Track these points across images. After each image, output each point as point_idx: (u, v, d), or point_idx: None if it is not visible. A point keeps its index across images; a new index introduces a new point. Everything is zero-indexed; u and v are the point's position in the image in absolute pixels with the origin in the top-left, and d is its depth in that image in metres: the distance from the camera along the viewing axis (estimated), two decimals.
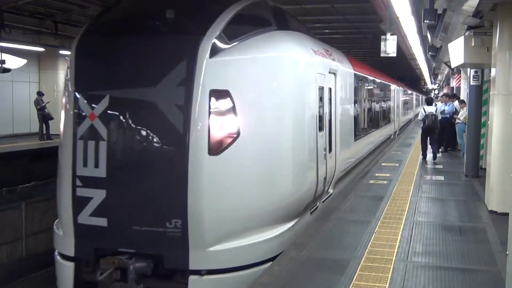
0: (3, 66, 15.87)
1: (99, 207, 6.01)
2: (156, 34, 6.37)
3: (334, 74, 9.26)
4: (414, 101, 40.94)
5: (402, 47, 19.73)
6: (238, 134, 6.01)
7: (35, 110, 17.65)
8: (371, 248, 6.20)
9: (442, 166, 13.34)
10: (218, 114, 5.95)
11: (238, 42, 6.27)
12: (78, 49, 6.57)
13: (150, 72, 6.10)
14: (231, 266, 6.00)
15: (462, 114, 14.13)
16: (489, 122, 8.94)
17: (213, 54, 5.95)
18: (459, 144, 15.19)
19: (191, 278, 5.86)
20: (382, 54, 14.51)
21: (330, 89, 8.88)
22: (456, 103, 15.80)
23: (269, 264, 6.05)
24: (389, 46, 14.29)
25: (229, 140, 5.98)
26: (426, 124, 13.80)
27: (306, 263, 5.73)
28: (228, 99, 5.98)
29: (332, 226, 7.29)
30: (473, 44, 9.52)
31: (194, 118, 5.82)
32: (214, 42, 6.02)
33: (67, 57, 6.63)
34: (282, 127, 6.64)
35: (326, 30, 20.10)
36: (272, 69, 6.63)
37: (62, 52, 18.62)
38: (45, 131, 17.39)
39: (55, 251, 6.62)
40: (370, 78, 15.51)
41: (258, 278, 5.49)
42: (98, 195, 6.01)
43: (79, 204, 6.11)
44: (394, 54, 14.58)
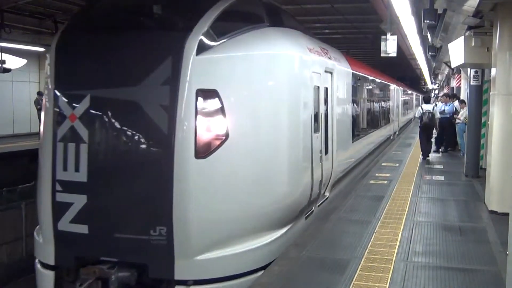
0: (4, 66, 15.90)
1: (80, 213, 5.69)
2: (140, 30, 6.08)
3: (331, 73, 8.97)
4: (414, 101, 40.91)
5: (402, 47, 19.73)
6: (226, 136, 5.69)
7: (35, 110, 17.67)
8: (371, 248, 6.20)
9: (442, 166, 13.34)
10: (205, 114, 5.64)
11: (227, 39, 5.94)
12: (58, 46, 6.22)
13: (134, 70, 5.78)
14: (220, 276, 5.69)
15: (462, 114, 14.13)
16: (489, 122, 8.94)
17: (200, 51, 5.62)
18: (459, 144, 15.19)
19: None
20: (382, 54, 14.51)
21: (326, 88, 8.59)
22: (456, 103, 15.80)
23: (260, 273, 5.79)
24: (389, 46, 14.30)
25: (217, 142, 5.67)
26: (423, 122, 14.19)
27: (306, 263, 5.73)
28: (216, 99, 5.67)
29: (332, 226, 7.29)
30: (473, 44, 9.52)
31: (180, 119, 5.50)
32: (201, 39, 5.68)
33: (48, 54, 6.40)
34: (274, 129, 6.33)
35: (326, 30, 20.11)
36: (263, 67, 6.30)
37: None
38: None
39: (36, 259, 6.28)
40: (368, 77, 15.24)
41: (258, 278, 5.49)
42: (79, 201, 5.69)
43: (59, 210, 5.79)
44: (394, 54, 14.58)
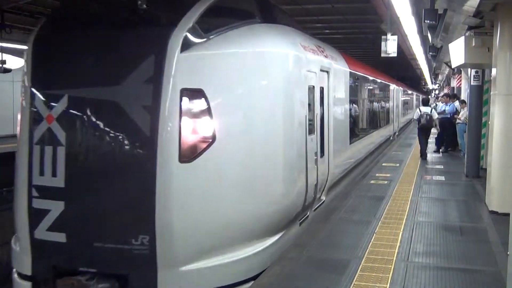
0: (4, 66, 15.88)
1: (57, 221, 5.35)
2: (120, 26, 5.72)
3: (327, 72, 8.66)
4: (415, 101, 40.88)
5: (403, 47, 19.72)
6: (213, 139, 5.37)
7: None
8: (372, 248, 6.20)
9: (442, 166, 13.34)
10: (190, 115, 5.31)
11: (214, 35, 5.61)
12: (36, 42, 5.87)
13: (114, 68, 5.44)
14: (206, 287, 5.40)
15: (463, 114, 14.15)
16: (489, 122, 8.94)
17: (185, 48, 5.28)
18: (460, 144, 15.20)
19: None
20: (383, 54, 14.50)
21: (322, 88, 8.29)
22: (456, 103, 15.81)
23: (250, 284, 5.54)
24: (389, 46, 14.29)
25: (203, 145, 5.35)
26: (421, 123, 14.65)
27: (306, 263, 5.73)
28: (202, 99, 5.34)
29: (332, 226, 7.28)
30: (473, 44, 9.53)
31: (163, 120, 5.16)
32: (186, 35, 5.34)
33: (25, 51, 6.07)
34: (265, 131, 5.98)
35: (327, 30, 20.11)
36: (254, 65, 5.94)
37: None
38: None
39: (13, 269, 5.91)
40: (367, 77, 14.93)
41: (259, 278, 5.48)
42: (56, 208, 5.35)
43: (36, 217, 5.46)
44: (395, 54, 14.58)
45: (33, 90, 5.67)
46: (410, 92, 36.61)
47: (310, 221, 7.61)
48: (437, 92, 48.05)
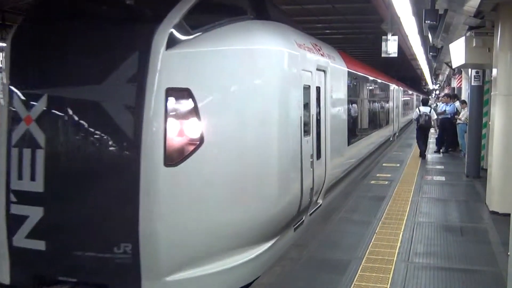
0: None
1: (36, 228, 5.03)
2: (103, 22, 5.39)
3: (324, 71, 8.36)
4: (415, 101, 40.87)
5: (403, 48, 19.74)
6: (201, 141, 5.06)
7: None
8: (372, 248, 6.20)
9: (443, 167, 13.33)
10: (176, 117, 5.02)
11: (203, 32, 5.29)
12: (15, 39, 5.55)
13: (96, 67, 5.13)
14: None
15: (463, 114, 14.15)
16: (490, 123, 8.94)
17: (171, 45, 4.99)
18: (460, 144, 15.22)
19: None
20: (383, 54, 14.54)
21: (318, 88, 7.99)
22: (457, 104, 15.82)
23: None
24: (390, 46, 14.32)
25: (190, 148, 5.04)
26: (419, 123, 14.86)
27: (307, 264, 5.73)
28: (189, 99, 5.04)
29: (333, 226, 7.29)
30: (474, 44, 9.53)
31: (147, 121, 4.86)
32: (172, 32, 5.05)
33: (4, 49, 5.71)
34: (256, 132, 5.68)
35: (327, 31, 20.13)
36: (245, 64, 5.62)
37: None
38: None
39: None
40: (366, 77, 14.64)
41: (259, 278, 5.48)
42: (35, 214, 5.04)
43: (14, 223, 5.14)
44: (395, 55, 14.61)
45: (11, 89, 5.33)
46: (410, 92, 36.56)
47: (306, 226, 7.33)
48: (437, 92, 48.05)
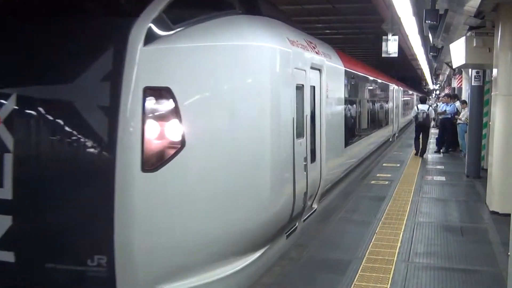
0: None
1: (4, 238, 4.63)
2: (75, 16, 4.97)
3: (319, 70, 8.01)
4: (415, 101, 40.87)
5: (404, 48, 19.73)
6: (182, 144, 4.67)
7: None
8: (373, 248, 6.20)
9: (443, 167, 13.34)
10: (155, 118, 4.63)
11: (185, 27, 4.93)
12: None
13: (68, 64, 4.74)
14: None
15: (464, 114, 14.17)
16: (490, 123, 8.94)
17: (149, 40, 4.62)
18: (461, 144, 15.23)
19: None
20: (384, 55, 14.55)
21: (313, 87, 7.63)
22: (457, 104, 15.83)
23: None
24: (390, 47, 14.33)
25: (170, 151, 4.66)
26: (418, 121, 15.06)
27: (307, 264, 5.73)
28: (169, 99, 4.67)
29: (333, 226, 7.29)
30: (474, 44, 9.53)
31: (123, 123, 4.47)
32: (151, 26, 4.68)
33: None
34: (243, 135, 5.30)
35: (327, 31, 20.13)
36: (231, 61, 5.26)
37: None
38: None
39: None
40: (364, 76, 14.25)
41: (259, 278, 5.48)
42: (3, 223, 4.64)
43: None
44: (396, 55, 14.62)
45: None
46: (410, 92, 36.53)
47: (299, 233, 6.97)
48: (438, 92, 48.05)
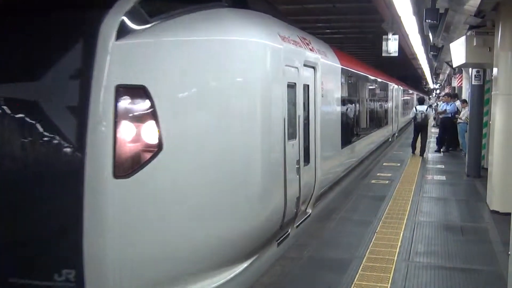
0: None
1: None
2: (41, 8, 4.59)
3: (313, 68, 7.64)
4: (415, 101, 40.83)
5: (404, 47, 19.72)
6: (160, 148, 4.30)
7: None
8: (373, 248, 6.19)
9: (443, 166, 13.34)
10: (129, 119, 4.26)
11: (164, 20, 4.55)
12: None
13: (33, 60, 4.36)
14: None
15: (464, 113, 14.17)
16: (490, 122, 8.94)
17: (122, 34, 4.22)
18: (461, 143, 15.24)
19: None
20: (384, 54, 14.55)
21: (307, 86, 7.28)
22: (457, 103, 15.85)
23: None
24: (391, 46, 14.34)
25: (146, 156, 4.30)
26: (416, 121, 15.28)
27: (307, 263, 5.73)
28: (144, 99, 4.29)
29: (333, 226, 7.29)
30: (475, 43, 9.52)
31: (93, 125, 4.09)
32: (124, 19, 4.28)
33: None
34: (227, 137, 4.91)
35: (328, 30, 20.13)
36: (214, 57, 4.84)
37: None
38: None
39: None
40: (362, 75, 13.83)
41: (259, 278, 5.48)
42: None
43: None
44: (396, 54, 14.62)
45: None
46: (411, 91, 36.50)
47: (291, 239, 6.64)
48: (438, 91, 48.04)
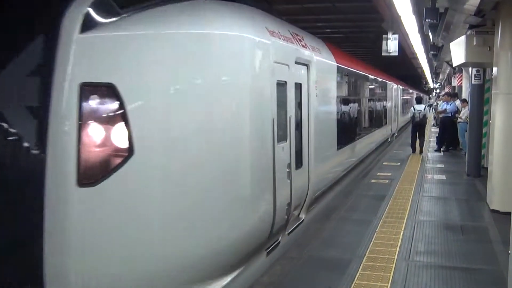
0: None
1: None
2: None
3: (306, 65, 7.24)
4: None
5: (404, 46, 19.72)
6: (130, 152, 3.88)
7: None
8: (373, 247, 6.19)
9: (443, 165, 13.34)
10: (95, 120, 3.84)
11: (136, 12, 4.13)
12: None
13: None
14: None
15: (464, 113, 14.17)
16: (490, 121, 8.94)
17: (87, 27, 3.81)
18: (461, 143, 15.25)
19: None
20: (384, 53, 14.55)
21: (299, 85, 6.89)
22: (457, 102, 15.86)
23: None
24: (390, 45, 14.35)
25: (115, 161, 3.88)
26: (415, 120, 15.52)
27: (307, 263, 5.72)
28: (113, 98, 3.88)
29: (333, 225, 7.28)
30: (474, 43, 9.52)
31: (55, 127, 3.69)
32: (89, 11, 3.86)
33: None
34: (208, 140, 4.50)
35: (328, 30, 20.12)
36: (192, 52, 4.43)
37: None
38: None
39: None
40: (359, 73, 13.39)
41: (260, 277, 5.47)
42: None
43: None
44: (396, 53, 14.62)
45: None
46: (411, 91, 36.47)
47: (282, 248, 6.25)
48: (438, 91, 48.05)
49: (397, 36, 14.36)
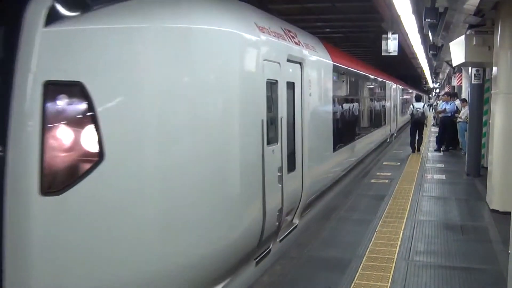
0: None
1: None
2: None
3: (300, 63, 6.90)
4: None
5: (404, 46, 19.72)
6: (101, 157, 3.57)
7: None
8: (373, 247, 6.19)
9: (443, 165, 13.34)
10: (61, 123, 3.53)
11: (107, 4, 3.80)
12: None
13: None
14: None
15: (464, 113, 14.17)
16: (490, 121, 8.94)
17: (52, 20, 3.49)
18: (461, 142, 15.25)
19: None
20: (384, 53, 14.55)
21: (291, 84, 6.55)
22: (457, 102, 15.87)
23: None
24: (390, 45, 14.36)
25: (83, 167, 3.55)
26: (414, 118, 15.75)
27: (307, 262, 5.72)
28: (81, 98, 3.56)
29: (333, 225, 7.28)
30: (474, 42, 9.52)
31: (15, 130, 3.38)
32: (55, 2, 3.57)
33: None
34: (188, 143, 4.17)
35: (328, 29, 20.12)
36: (171, 48, 4.07)
37: None
38: None
39: None
40: (357, 72, 12.96)
41: (260, 277, 5.48)
42: None
43: None
44: (396, 53, 14.63)
45: None
46: (410, 91, 36.44)
47: (273, 256, 5.96)
48: (437, 91, 48.05)
49: (396, 36, 14.37)
